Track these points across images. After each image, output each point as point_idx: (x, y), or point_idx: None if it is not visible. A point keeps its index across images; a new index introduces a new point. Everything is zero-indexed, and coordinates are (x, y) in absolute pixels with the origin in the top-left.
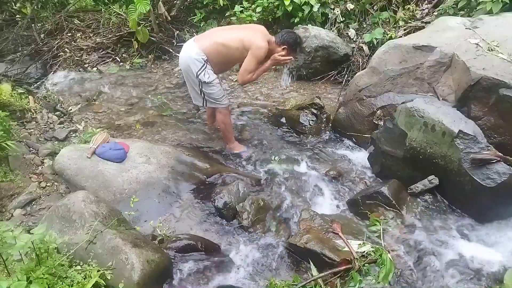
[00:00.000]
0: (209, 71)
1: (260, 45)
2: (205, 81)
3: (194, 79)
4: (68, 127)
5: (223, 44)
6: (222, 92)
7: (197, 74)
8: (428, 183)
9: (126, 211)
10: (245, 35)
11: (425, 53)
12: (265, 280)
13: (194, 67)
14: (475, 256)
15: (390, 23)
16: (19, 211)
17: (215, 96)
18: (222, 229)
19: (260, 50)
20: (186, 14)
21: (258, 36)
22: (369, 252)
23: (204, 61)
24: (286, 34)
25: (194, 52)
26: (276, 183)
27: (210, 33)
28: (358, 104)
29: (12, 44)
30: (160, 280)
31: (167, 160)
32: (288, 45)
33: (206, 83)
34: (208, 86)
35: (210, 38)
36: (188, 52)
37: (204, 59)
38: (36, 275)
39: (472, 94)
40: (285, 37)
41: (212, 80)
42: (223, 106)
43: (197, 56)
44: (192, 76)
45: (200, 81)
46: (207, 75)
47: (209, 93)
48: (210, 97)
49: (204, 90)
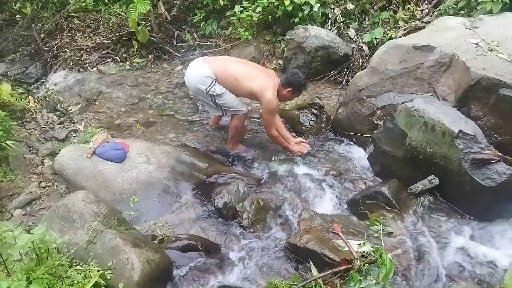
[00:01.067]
0: (218, 86)
1: (271, 101)
2: (216, 94)
3: (205, 95)
4: (68, 127)
5: (235, 78)
6: (236, 99)
7: (207, 91)
8: (428, 183)
9: (126, 211)
10: (258, 80)
11: (425, 53)
12: (265, 280)
13: (203, 84)
14: (475, 256)
15: (390, 23)
16: (19, 211)
17: (230, 104)
18: (222, 229)
19: (271, 105)
20: (186, 14)
21: (270, 88)
22: (369, 252)
23: (213, 79)
24: (291, 76)
25: (204, 71)
26: (276, 183)
27: (223, 59)
28: (358, 104)
29: (12, 44)
30: (160, 280)
31: (167, 160)
32: (293, 87)
33: (218, 96)
34: (220, 98)
35: (224, 64)
36: (197, 70)
37: (213, 78)
38: (36, 275)
39: (472, 94)
40: (290, 79)
41: (223, 92)
42: (242, 113)
43: (206, 75)
44: (202, 93)
45: (212, 96)
46: (217, 89)
47: (224, 103)
48: (226, 107)
49: (218, 102)
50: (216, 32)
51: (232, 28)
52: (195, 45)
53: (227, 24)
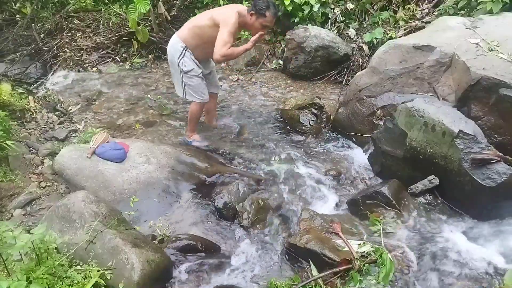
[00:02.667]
0: (187, 59)
1: (228, 16)
2: (183, 70)
3: (176, 67)
4: (68, 127)
5: (194, 26)
6: (201, 88)
7: (178, 63)
8: (428, 183)
9: (126, 211)
10: (214, 11)
11: (425, 53)
12: (265, 280)
13: (175, 55)
14: (475, 256)
15: (390, 23)
16: (19, 211)
17: (193, 89)
18: (222, 229)
19: (229, 19)
20: (186, 14)
21: (227, 9)
22: (369, 252)
23: (182, 48)
24: (254, 1)
25: (174, 41)
26: (276, 183)
27: (188, 21)
28: (358, 104)
29: (12, 44)
30: (160, 280)
31: (167, 160)
32: (255, 11)
33: (185, 73)
34: (187, 77)
35: (186, 25)
36: (170, 43)
37: (182, 46)
38: (36, 275)
39: (472, 94)
40: (252, 3)
41: (190, 70)
42: (198, 101)
43: (176, 45)
44: (175, 65)
45: (182, 70)
46: (185, 64)
47: (189, 84)
48: (189, 89)
49: (184, 80)
50: None
51: None
52: None
53: None
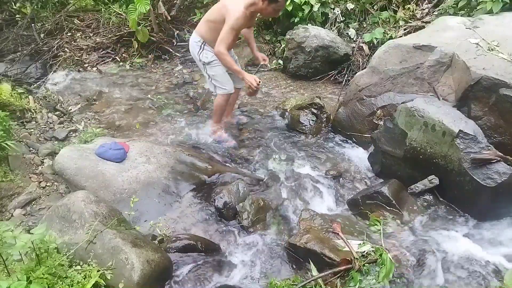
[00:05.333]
0: (207, 51)
1: (235, 11)
2: (205, 62)
3: (199, 63)
4: (68, 127)
5: (208, 20)
6: (224, 77)
7: (199, 57)
8: (428, 183)
9: (126, 211)
10: (227, 3)
11: (425, 52)
12: (265, 280)
13: (195, 51)
14: (475, 256)
15: (390, 23)
16: (19, 211)
17: (217, 78)
18: (222, 229)
19: (234, 14)
20: (186, 14)
21: (236, 2)
22: (369, 252)
23: (200, 43)
24: None
25: (192, 37)
26: (276, 183)
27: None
28: (358, 104)
29: (12, 44)
30: (160, 280)
31: (167, 160)
32: None
33: (206, 64)
34: (210, 67)
35: (202, 19)
36: (190, 40)
37: (200, 41)
38: (36, 275)
39: (472, 94)
40: None
41: (211, 61)
42: (223, 91)
43: (194, 40)
44: (197, 60)
45: (204, 63)
46: (206, 55)
47: (213, 75)
48: (214, 81)
49: (208, 72)
50: None
51: None
52: None
53: None
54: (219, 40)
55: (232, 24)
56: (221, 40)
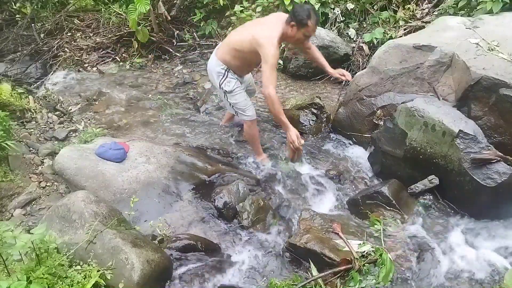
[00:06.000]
0: (230, 79)
1: (270, 49)
2: (226, 90)
3: (219, 90)
4: (68, 127)
5: (235, 49)
6: (246, 103)
7: (220, 85)
8: (428, 183)
9: (126, 211)
10: (254, 32)
11: (425, 52)
12: (265, 280)
13: (217, 79)
14: (475, 255)
15: (390, 23)
16: (19, 211)
17: (239, 106)
18: (222, 229)
19: (269, 51)
20: (186, 14)
21: (267, 31)
22: (369, 252)
23: (224, 70)
24: (293, 10)
25: (214, 63)
26: (276, 183)
27: (227, 38)
28: (358, 104)
29: (12, 44)
30: (160, 280)
31: (167, 160)
32: (296, 21)
33: (228, 92)
34: (231, 95)
35: (226, 43)
36: (210, 64)
37: (223, 69)
38: (36, 275)
39: (472, 94)
40: (293, 11)
41: (233, 89)
42: (247, 118)
43: (217, 68)
44: (217, 87)
45: (225, 92)
46: (228, 84)
47: (234, 103)
48: (236, 108)
49: (229, 100)
50: (216, 32)
51: (232, 28)
52: (195, 45)
53: (227, 24)
54: (266, 82)
55: (273, 62)
56: (268, 81)
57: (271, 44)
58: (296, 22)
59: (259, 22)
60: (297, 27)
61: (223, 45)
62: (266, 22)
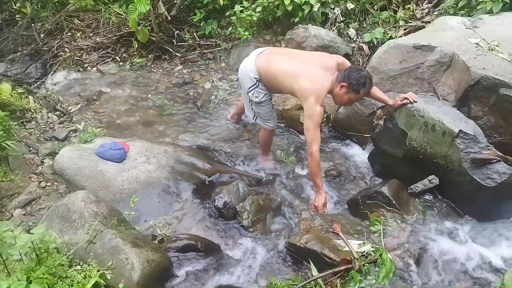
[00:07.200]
0: (260, 91)
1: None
2: (254, 101)
3: (246, 94)
4: (68, 127)
5: (275, 77)
6: (271, 114)
7: (248, 91)
8: (428, 183)
9: (126, 211)
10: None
11: (425, 52)
12: (265, 280)
13: (248, 83)
14: (475, 256)
15: (390, 23)
16: (19, 211)
17: (262, 116)
18: (222, 229)
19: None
20: (186, 14)
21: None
22: (369, 252)
23: (256, 80)
24: (349, 70)
25: (250, 68)
26: (276, 183)
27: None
28: (358, 104)
29: (12, 44)
30: (160, 280)
31: (167, 160)
32: (348, 84)
33: (255, 103)
34: (258, 106)
35: (268, 61)
36: (246, 66)
37: (256, 79)
38: (36, 275)
39: (472, 94)
40: (347, 72)
41: (261, 101)
42: (267, 128)
43: (251, 74)
44: (245, 91)
45: (252, 100)
46: (257, 95)
47: (259, 112)
48: (259, 116)
49: (254, 108)
50: (216, 32)
51: (232, 28)
52: (195, 45)
53: (227, 24)
54: (311, 141)
55: (318, 121)
56: (314, 140)
57: (317, 101)
58: (348, 85)
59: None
60: (347, 89)
61: (267, 59)
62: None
